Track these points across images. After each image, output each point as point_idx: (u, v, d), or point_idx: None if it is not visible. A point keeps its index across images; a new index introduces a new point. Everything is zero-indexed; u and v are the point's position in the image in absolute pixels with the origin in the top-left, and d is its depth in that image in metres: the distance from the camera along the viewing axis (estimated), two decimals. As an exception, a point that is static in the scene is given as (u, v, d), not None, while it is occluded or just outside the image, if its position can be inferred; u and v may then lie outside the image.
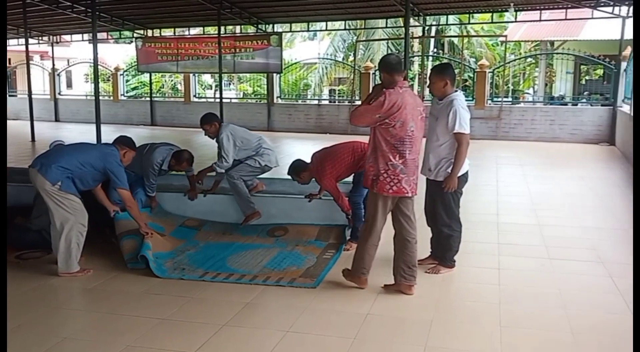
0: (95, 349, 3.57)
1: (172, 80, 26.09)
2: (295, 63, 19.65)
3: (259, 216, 6.06)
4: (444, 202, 4.77)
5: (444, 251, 4.89)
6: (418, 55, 20.22)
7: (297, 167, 5.79)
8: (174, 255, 5.32)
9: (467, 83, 19.63)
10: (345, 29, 21.92)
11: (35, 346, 3.60)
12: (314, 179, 5.72)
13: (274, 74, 18.06)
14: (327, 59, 23.24)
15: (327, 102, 21.14)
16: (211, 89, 27.19)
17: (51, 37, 21.55)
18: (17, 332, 3.77)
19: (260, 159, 6.06)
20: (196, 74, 20.01)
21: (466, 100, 4.97)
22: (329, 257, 5.24)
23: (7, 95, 23.68)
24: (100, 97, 13.98)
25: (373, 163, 4.34)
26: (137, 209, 5.26)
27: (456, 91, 4.75)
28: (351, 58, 23.79)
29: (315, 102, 19.99)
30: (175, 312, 4.08)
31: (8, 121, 21.64)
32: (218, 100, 16.77)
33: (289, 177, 5.93)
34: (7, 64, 24.97)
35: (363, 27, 21.12)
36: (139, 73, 22.25)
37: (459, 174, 4.68)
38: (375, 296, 4.40)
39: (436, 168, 4.72)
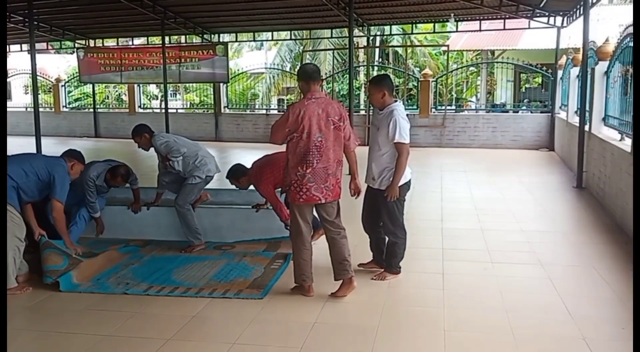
0: (34, 370, 3.46)
1: (116, 91, 25.55)
2: (242, 73, 19.57)
3: (203, 247, 5.85)
4: (388, 211, 4.84)
5: (390, 257, 4.96)
6: (363, 65, 20.49)
7: (237, 172, 5.79)
8: (118, 269, 5.21)
9: (412, 92, 20.00)
10: (291, 39, 22.00)
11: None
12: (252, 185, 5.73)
13: (221, 84, 17.96)
14: (274, 68, 23.28)
15: (275, 111, 21.11)
16: (157, 99, 26.74)
17: (-13, 47, 20.79)
18: (-51, 356, 3.60)
19: (199, 173, 5.81)
20: (141, 85, 19.68)
21: (411, 109, 5.09)
22: (276, 268, 5.22)
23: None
24: (41, 109, 13.62)
25: (286, 174, 4.52)
26: (64, 224, 5.09)
27: (396, 101, 4.85)
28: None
29: (264, 111, 19.97)
30: (119, 328, 3.99)
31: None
32: (164, 110, 16.54)
33: (233, 185, 5.89)
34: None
35: (309, 37, 21.29)
36: (82, 84, 21.71)
37: (402, 183, 4.76)
38: (323, 304, 4.41)
39: (379, 177, 4.79)
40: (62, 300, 4.57)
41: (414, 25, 17.49)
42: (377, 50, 23.71)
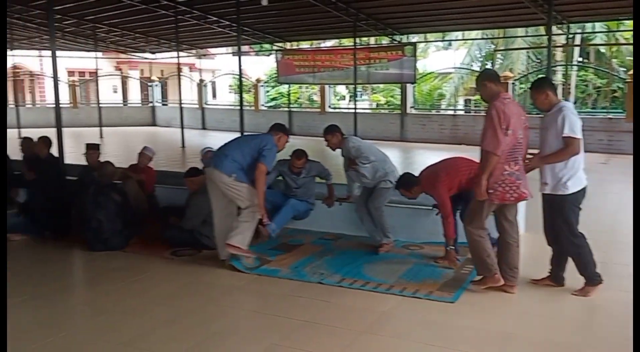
0: (242, 345, 3.77)
1: (308, 91, 26.92)
2: (430, 73, 19.50)
3: (392, 245, 5.92)
4: (564, 218, 4.52)
5: (583, 269, 4.58)
6: (561, 65, 19.24)
7: (408, 182, 5.58)
8: (313, 260, 5.52)
9: (615, 94, 18.36)
10: (482, 39, 21.41)
11: (185, 338, 3.86)
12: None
13: (408, 84, 18.06)
14: (463, 68, 22.80)
15: (462, 112, 20.73)
16: (344, 99, 27.69)
17: (198, 50, 23.08)
18: (168, 325, 4.09)
19: (391, 177, 5.89)
20: (331, 85, 20.47)
21: (615, 112, 4.74)
22: (467, 272, 5.13)
23: (125, 103, 25.69)
24: (243, 107, 14.80)
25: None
26: (262, 185, 5.24)
27: (562, 101, 4.63)
28: (488, 67, 23.11)
29: (450, 112, 19.68)
30: (316, 315, 4.21)
31: (161, 129, 23.52)
32: (351, 110, 17.07)
33: (403, 196, 5.75)
34: (160, 75, 27.21)
35: (501, 36, 20.52)
36: (278, 84, 23.20)
37: (577, 189, 4.47)
38: (518, 315, 4.26)
39: (552, 181, 4.51)
40: (264, 283, 4.95)
41: (619, 21, 16.01)
42: (576, 48, 22.11)
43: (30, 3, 14.73)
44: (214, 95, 29.79)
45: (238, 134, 11.52)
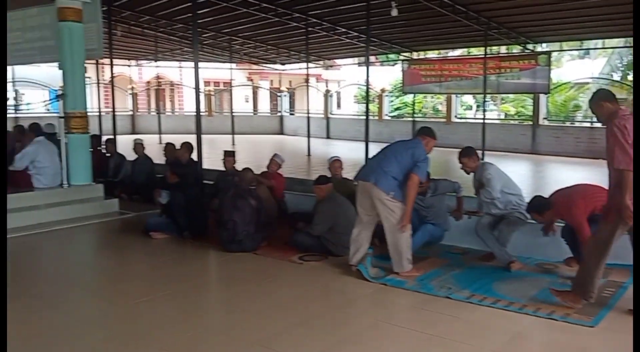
0: (369, 355, 3.78)
1: (432, 101, 26.57)
2: (565, 83, 18.48)
3: (519, 266, 5.59)
4: None
5: None
6: None
7: (541, 204, 5.38)
8: (440, 273, 5.40)
9: None
10: (624, 47, 19.94)
11: (313, 343, 3.90)
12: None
13: (541, 95, 17.26)
14: (602, 78, 21.39)
15: (600, 124, 19.44)
16: (471, 109, 26.99)
17: (325, 61, 23.57)
18: (297, 328, 4.16)
19: (522, 211, 5.64)
20: (458, 95, 20.06)
21: None
22: (608, 295, 4.78)
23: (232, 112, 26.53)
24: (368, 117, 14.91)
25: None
26: (412, 194, 5.24)
27: None
28: (630, 77, 21.48)
29: (587, 124, 18.52)
30: (444, 330, 4.10)
31: (288, 137, 24.28)
32: (478, 120, 16.59)
33: (533, 220, 5.55)
34: (288, 86, 28.12)
35: (647, 43, 19.02)
36: (403, 94, 23.13)
37: None
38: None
39: None
40: (390, 294, 4.91)
41: None
42: None
43: (174, 18, 15.86)
44: (339, 105, 30.28)
45: (361, 144, 11.74)
